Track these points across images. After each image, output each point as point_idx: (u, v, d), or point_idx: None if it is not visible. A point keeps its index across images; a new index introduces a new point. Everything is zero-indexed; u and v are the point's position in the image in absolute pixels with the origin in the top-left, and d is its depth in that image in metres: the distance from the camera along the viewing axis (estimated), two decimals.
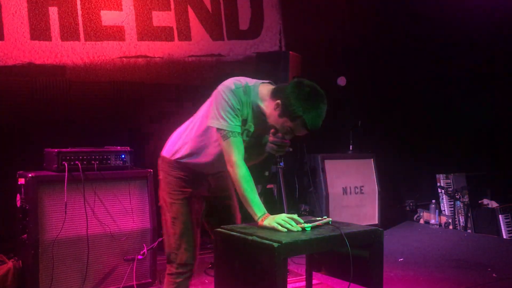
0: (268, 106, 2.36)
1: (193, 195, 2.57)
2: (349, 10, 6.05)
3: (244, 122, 2.40)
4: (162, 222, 2.64)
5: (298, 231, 2.15)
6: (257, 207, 2.27)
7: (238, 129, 2.35)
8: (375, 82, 6.22)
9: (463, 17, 6.02)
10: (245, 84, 2.38)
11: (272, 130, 2.41)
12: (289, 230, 2.14)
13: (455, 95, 6.45)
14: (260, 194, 3.44)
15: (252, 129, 2.46)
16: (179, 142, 2.58)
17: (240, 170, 2.29)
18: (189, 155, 2.53)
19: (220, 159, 2.41)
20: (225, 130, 2.32)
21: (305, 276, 2.62)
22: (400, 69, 6.32)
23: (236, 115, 2.34)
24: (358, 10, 6.11)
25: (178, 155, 2.56)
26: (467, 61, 6.29)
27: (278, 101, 2.30)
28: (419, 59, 6.39)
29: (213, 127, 2.36)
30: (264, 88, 2.41)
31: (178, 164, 2.56)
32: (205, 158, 2.52)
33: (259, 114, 2.41)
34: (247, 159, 2.38)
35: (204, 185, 2.63)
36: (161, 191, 2.62)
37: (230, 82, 2.38)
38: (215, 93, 2.40)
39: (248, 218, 2.37)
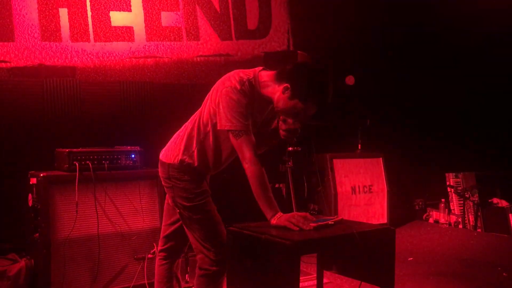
0: (275, 91, 2.36)
1: (208, 193, 2.59)
2: (357, 9, 6.04)
3: (252, 113, 2.41)
4: (188, 229, 2.59)
5: (310, 230, 2.16)
6: (270, 205, 2.27)
7: (249, 127, 2.35)
8: (384, 81, 6.20)
9: (475, 13, 5.99)
10: (247, 79, 2.39)
11: (281, 118, 2.41)
12: (301, 229, 2.15)
13: (465, 93, 6.42)
14: None
15: (258, 119, 2.47)
16: (183, 147, 2.55)
17: (255, 168, 2.30)
18: (199, 159, 2.53)
19: (227, 161, 2.43)
20: (237, 130, 2.33)
21: (315, 275, 2.63)
22: (409, 68, 6.30)
23: (246, 114, 2.34)
24: (367, 9, 6.09)
25: (188, 160, 2.54)
26: (477, 59, 6.26)
27: (286, 84, 2.31)
28: (428, 57, 6.37)
29: (224, 129, 2.36)
30: (263, 75, 2.42)
31: (187, 168, 2.55)
32: (213, 161, 2.53)
33: (263, 103, 2.43)
34: (258, 147, 2.39)
35: (206, 182, 2.65)
36: (177, 198, 2.57)
37: (235, 82, 2.36)
38: (221, 95, 2.37)
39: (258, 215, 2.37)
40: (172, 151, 2.62)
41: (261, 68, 2.47)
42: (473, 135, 6.41)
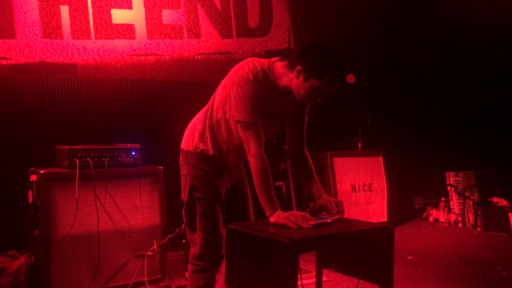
0: (290, 80, 2.32)
1: (220, 188, 2.56)
2: (358, 7, 6.04)
3: (266, 106, 2.37)
4: (186, 217, 2.59)
5: (308, 228, 2.16)
6: (271, 202, 2.27)
7: (258, 121, 2.32)
8: (384, 79, 6.20)
9: (475, 13, 5.98)
10: (260, 69, 2.34)
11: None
12: (300, 227, 2.15)
13: (465, 92, 6.42)
14: None
15: (276, 110, 2.44)
16: (198, 133, 2.54)
17: (260, 163, 2.28)
18: (213, 146, 2.51)
19: (243, 150, 2.38)
20: (246, 122, 2.30)
21: (314, 273, 2.63)
22: (409, 67, 6.30)
23: (256, 106, 2.31)
24: (367, 7, 6.09)
25: (202, 147, 2.52)
26: (477, 59, 6.26)
27: (298, 67, 2.27)
28: (428, 56, 6.37)
29: (234, 119, 2.34)
30: (279, 66, 2.38)
31: (204, 157, 2.53)
32: (227, 148, 2.52)
33: (279, 93, 2.39)
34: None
35: (227, 176, 2.62)
36: (187, 186, 2.56)
37: (247, 71, 2.32)
38: (232, 83, 2.34)
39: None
40: (188, 138, 2.61)
41: (277, 58, 2.42)
42: (473, 134, 6.40)
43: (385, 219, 5.49)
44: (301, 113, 2.58)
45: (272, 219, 2.23)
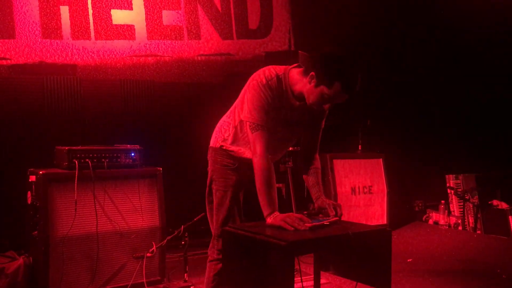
0: (304, 85, 2.37)
1: (238, 183, 2.61)
2: (358, 8, 6.04)
3: (280, 111, 2.43)
4: (207, 208, 2.69)
5: (305, 230, 2.16)
6: (270, 203, 2.29)
7: (267, 124, 2.38)
8: (384, 80, 6.19)
9: (478, 12, 5.97)
10: (275, 75, 2.42)
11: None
12: (296, 229, 2.15)
13: (465, 94, 6.41)
14: None
15: (291, 116, 2.48)
16: (222, 131, 2.64)
17: (263, 163, 2.33)
18: (234, 144, 2.59)
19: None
20: (255, 123, 2.36)
21: (313, 275, 2.62)
22: (409, 67, 6.29)
23: (267, 109, 2.38)
24: (368, 8, 6.09)
25: (223, 143, 2.61)
26: (477, 59, 6.25)
27: (312, 73, 2.31)
28: (428, 56, 6.36)
29: (244, 120, 2.42)
30: (294, 72, 2.44)
31: (225, 152, 2.61)
32: (246, 149, 2.56)
33: (293, 100, 2.44)
34: (274, 153, 2.44)
35: (250, 174, 2.61)
36: (208, 180, 2.67)
37: (262, 77, 2.41)
38: (248, 86, 2.45)
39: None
40: (214, 135, 2.71)
41: (295, 65, 2.49)
42: (474, 137, 6.39)
43: (385, 222, 5.49)
44: (318, 118, 2.62)
45: (269, 220, 2.23)
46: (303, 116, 2.54)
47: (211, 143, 2.71)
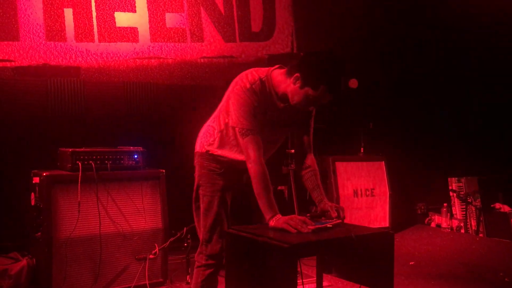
0: (287, 86, 2.38)
1: (225, 188, 2.60)
2: (362, 13, 6.04)
3: (265, 114, 2.43)
4: (194, 214, 2.68)
5: (308, 232, 2.16)
6: (270, 206, 2.28)
7: (256, 128, 2.37)
8: (387, 84, 6.19)
9: (478, 12, 5.97)
10: (258, 78, 2.41)
11: None
12: (299, 232, 2.16)
13: (468, 97, 6.41)
14: None
15: (276, 118, 2.48)
16: (207, 136, 2.63)
17: (258, 168, 2.32)
18: (220, 148, 2.58)
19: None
20: (244, 128, 2.36)
21: (315, 278, 2.63)
22: (412, 72, 6.29)
23: (254, 113, 2.37)
24: (371, 12, 6.09)
25: (209, 148, 2.60)
26: (480, 63, 6.25)
27: (297, 74, 2.31)
28: (430, 61, 6.36)
29: (233, 126, 2.42)
30: (277, 74, 2.44)
31: (211, 157, 2.60)
32: (233, 153, 2.56)
33: (278, 102, 2.43)
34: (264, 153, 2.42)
35: (237, 179, 2.65)
36: (195, 185, 2.66)
37: (245, 81, 2.40)
38: (232, 93, 2.43)
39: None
40: (199, 140, 2.70)
41: (276, 66, 2.48)
42: (476, 140, 6.38)
43: (387, 224, 5.48)
44: (305, 117, 2.61)
45: (272, 223, 2.24)
46: (289, 117, 2.54)
47: (197, 148, 2.69)
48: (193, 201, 2.67)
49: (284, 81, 2.39)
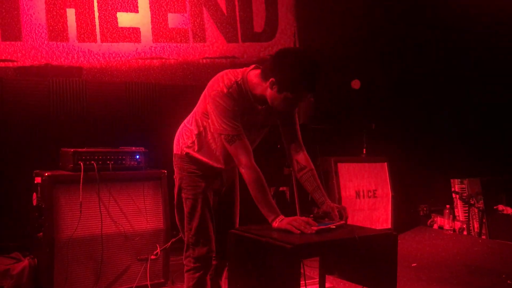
0: (264, 89, 2.34)
1: (207, 190, 2.58)
2: (364, 13, 6.03)
3: (244, 116, 2.39)
4: (177, 217, 2.66)
5: (311, 233, 2.15)
6: (270, 209, 2.27)
7: (241, 131, 2.35)
8: (389, 85, 6.18)
9: (478, 12, 5.96)
10: (235, 82, 2.36)
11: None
12: (302, 232, 2.15)
13: (468, 97, 6.39)
14: (273, 197, 3.45)
15: (258, 120, 2.47)
16: (184, 138, 2.59)
17: (252, 173, 2.30)
18: (199, 152, 2.55)
19: (228, 155, 2.41)
20: (230, 134, 2.32)
21: (318, 279, 2.62)
22: (414, 73, 6.28)
23: (235, 117, 2.33)
24: (373, 13, 6.09)
25: (189, 150, 2.57)
26: (483, 64, 6.24)
27: (272, 79, 2.27)
28: (430, 61, 6.35)
29: (217, 133, 2.39)
30: (252, 76, 2.38)
31: (190, 159, 2.57)
32: (211, 160, 2.54)
33: (255, 104, 2.40)
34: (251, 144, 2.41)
35: (218, 179, 2.65)
36: (176, 188, 2.63)
37: (222, 86, 2.34)
38: (209, 97, 2.37)
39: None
40: (177, 142, 2.66)
41: (252, 67, 2.43)
42: (479, 141, 6.37)
43: (389, 226, 5.47)
44: (287, 115, 2.56)
45: (275, 224, 2.23)
46: (269, 117, 2.51)
47: (175, 150, 2.65)
48: (175, 205, 2.63)
49: (260, 84, 2.35)
